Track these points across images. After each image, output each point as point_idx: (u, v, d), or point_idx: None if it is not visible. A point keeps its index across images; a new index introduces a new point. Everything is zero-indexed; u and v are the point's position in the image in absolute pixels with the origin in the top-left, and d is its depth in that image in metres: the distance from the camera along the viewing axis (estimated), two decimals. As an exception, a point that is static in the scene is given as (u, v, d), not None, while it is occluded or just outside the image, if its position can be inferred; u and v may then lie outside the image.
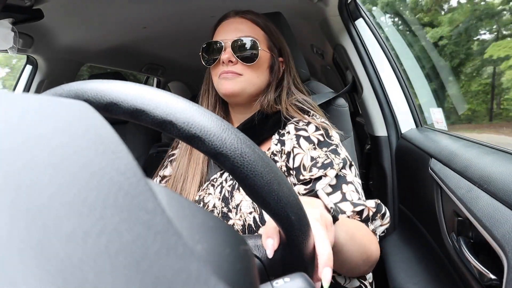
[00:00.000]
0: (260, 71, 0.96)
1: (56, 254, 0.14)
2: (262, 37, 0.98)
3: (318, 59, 2.54)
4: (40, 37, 1.73)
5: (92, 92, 0.34)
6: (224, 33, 0.96)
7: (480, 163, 0.81)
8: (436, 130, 1.35)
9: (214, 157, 0.33)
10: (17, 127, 0.18)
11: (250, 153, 0.33)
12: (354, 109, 2.45)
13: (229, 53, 0.92)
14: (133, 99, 0.33)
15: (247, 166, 0.33)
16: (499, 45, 4.77)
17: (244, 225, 0.82)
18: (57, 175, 0.17)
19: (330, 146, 0.89)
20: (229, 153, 0.33)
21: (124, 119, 0.34)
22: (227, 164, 0.33)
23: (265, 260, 0.43)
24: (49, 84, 2.06)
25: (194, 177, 0.94)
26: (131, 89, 0.34)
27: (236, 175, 0.33)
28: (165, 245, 0.18)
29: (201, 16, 1.83)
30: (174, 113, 0.33)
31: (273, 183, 0.34)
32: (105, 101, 0.33)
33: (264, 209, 0.35)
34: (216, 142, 0.32)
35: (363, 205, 0.79)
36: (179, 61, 2.99)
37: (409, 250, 1.23)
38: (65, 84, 0.35)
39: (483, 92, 5.27)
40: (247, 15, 0.99)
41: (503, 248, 0.60)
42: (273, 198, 0.34)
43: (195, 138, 0.33)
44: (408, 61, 1.87)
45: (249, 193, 0.35)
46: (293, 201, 0.36)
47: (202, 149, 0.33)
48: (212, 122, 0.33)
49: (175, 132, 0.33)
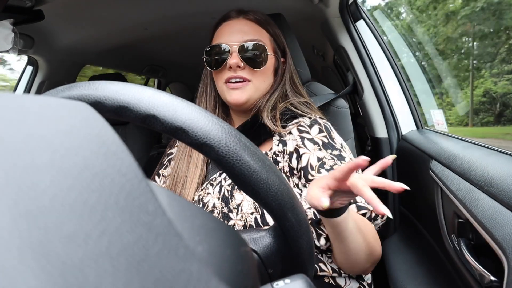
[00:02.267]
0: (266, 76, 0.96)
1: (57, 255, 0.14)
2: (267, 40, 0.97)
3: (319, 60, 2.54)
4: (41, 38, 1.73)
5: (79, 93, 0.34)
6: (228, 35, 0.94)
7: (480, 164, 0.81)
8: (437, 131, 1.35)
9: (199, 148, 0.33)
10: (18, 128, 0.18)
11: (235, 142, 0.33)
12: (355, 111, 2.45)
13: (236, 58, 0.90)
14: (116, 97, 0.33)
15: (233, 155, 0.33)
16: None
17: (245, 225, 0.82)
18: (59, 177, 0.17)
19: (335, 149, 0.88)
20: (214, 143, 0.33)
21: (110, 117, 0.34)
22: (212, 154, 0.33)
23: (262, 252, 0.43)
24: (50, 85, 2.07)
25: (193, 180, 0.93)
26: (114, 87, 0.34)
27: (222, 165, 0.34)
28: (166, 247, 0.18)
29: (202, 18, 1.83)
30: (157, 107, 0.33)
31: (261, 172, 0.34)
32: (90, 100, 0.34)
33: (254, 198, 0.35)
34: (200, 133, 0.33)
35: (367, 208, 0.80)
36: (180, 63, 2.99)
37: (409, 252, 1.23)
38: (57, 88, 0.36)
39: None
40: (250, 15, 0.97)
41: (503, 249, 0.60)
42: (262, 187, 0.34)
43: (178, 131, 0.33)
44: (409, 64, 1.87)
45: (237, 183, 0.35)
46: (284, 189, 0.36)
47: (186, 141, 0.33)
48: (195, 114, 0.33)
49: (158, 126, 0.33)
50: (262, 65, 0.92)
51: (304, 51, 1.29)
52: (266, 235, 0.45)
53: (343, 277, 0.86)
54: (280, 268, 0.42)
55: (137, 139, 2.39)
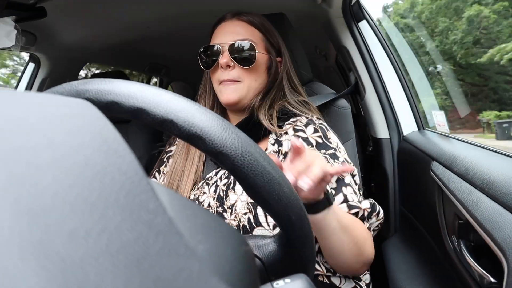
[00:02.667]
0: (258, 74, 0.97)
1: (58, 253, 0.14)
2: (259, 39, 0.98)
3: (322, 60, 2.54)
4: (43, 35, 1.73)
5: (94, 91, 0.34)
6: (221, 36, 0.96)
7: (481, 166, 0.81)
8: (438, 133, 1.35)
9: (215, 157, 0.33)
10: (20, 125, 0.18)
11: (250, 153, 0.33)
12: (357, 111, 2.45)
13: (226, 58, 0.92)
14: (134, 98, 0.33)
15: (248, 165, 0.33)
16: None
17: (239, 225, 0.82)
18: (60, 174, 0.17)
19: (329, 149, 0.89)
20: (230, 152, 0.33)
21: (125, 118, 0.34)
22: (227, 163, 0.33)
23: (265, 260, 0.43)
24: (52, 82, 2.07)
25: (189, 176, 0.94)
26: (132, 88, 0.34)
27: (236, 175, 0.33)
28: (166, 245, 0.19)
29: (205, 17, 1.83)
30: (175, 112, 0.33)
31: (274, 183, 0.34)
32: (106, 100, 0.33)
33: (264, 208, 0.36)
34: (216, 142, 0.32)
35: (358, 207, 0.81)
36: (182, 61, 2.99)
37: (410, 252, 1.23)
38: (67, 83, 0.36)
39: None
40: (243, 16, 0.99)
41: (503, 251, 0.60)
42: (273, 198, 0.34)
43: (195, 137, 0.33)
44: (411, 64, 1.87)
45: (249, 193, 0.35)
46: (294, 201, 0.36)
47: (202, 148, 0.33)
48: (213, 122, 0.33)
49: (175, 131, 0.33)
50: (252, 63, 0.94)
51: (307, 51, 1.29)
52: (271, 243, 0.45)
53: (337, 276, 0.86)
54: (283, 275, 0.43)
55: (139, 138, 2.39)
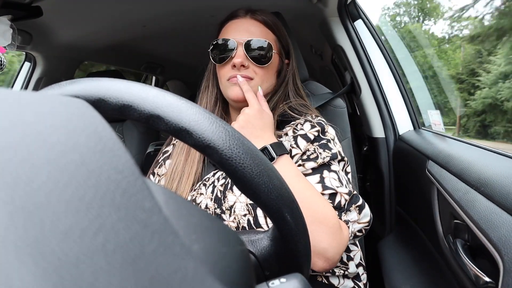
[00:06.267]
0: (269, 75, 0.96)
1: (53, 252, 0.14)
2: (272, 40, 0.97)
3: (317, 59, 2.54)
4: (39, 34, 1.73)
5: (80, 90, 0.34)
6: (235, 33, 0.94)
7: (477, 165, 0.81)
8: (434, 132, 1.35)
9: (202, 150, 0.33)
10: (15, 124, 0.18)
11: (239, 146, 0.33)
12: (352, 110, 2.45)
13: (241, 56, 0.91)
14: (120, 95, 0.33)
15: (236, 158, 0.33)
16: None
17: (238, 227, 0.81)
18: (55, 173, 0.17)
19: (321, 140, 0.88)
20: (217, 146, 0.33)
21: (113, 116, 0.34)
22: (215, 156, 0.33)
23: (259, 255, 0.43)
24: (48, 81, 2.06)
25: (189, 177, 0.93)
26: (118, 85, 0.34)
27: (225, 168, 0.33)
28: (162, 244, 0.18)
29: (201, 15, 1.83)
30: (161, 107, 0.33)
31: (263, 175, 0.34)
32: (93, 97, 0.33)
33: (255, 202, 0.35)
34: (204, 135, 0.32)
35: (334, 189, 0.78)
36: (178, 60, 2.99)
37: (405, 252, 1.23)
38: (56, 84, 0.36)
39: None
40: (258, 16, 0.97)
41: (499, 251, 0.61)
42: (263, 191, 0.34)
43: (183, 131, 0.33)
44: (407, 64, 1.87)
45: (239, 186, 0.35)
46: (285, 193, 0.36)
47: (190, 142, 0.33)
48: (199, 115, 0.33)
49: (162, 126, 0.33)
50: (267, 62, 0.93)
51: (302, 50, 1.29)
52: (264, 238, 0.44)
53: (336, 276, 0.86)
54: (277, 270, 0.42)
55: (134, 136, 2.39)
